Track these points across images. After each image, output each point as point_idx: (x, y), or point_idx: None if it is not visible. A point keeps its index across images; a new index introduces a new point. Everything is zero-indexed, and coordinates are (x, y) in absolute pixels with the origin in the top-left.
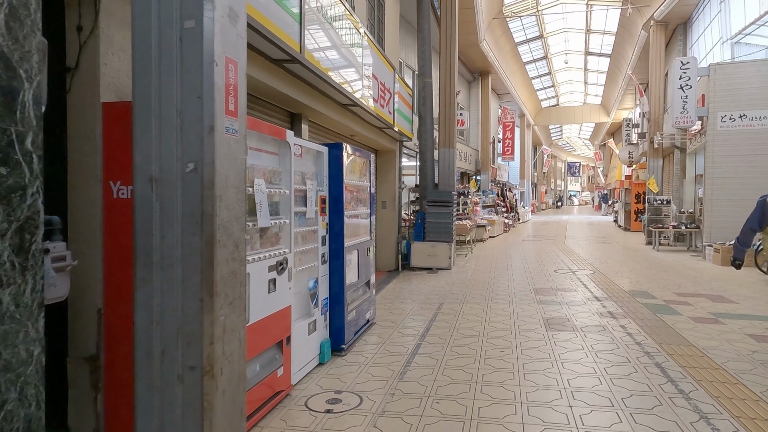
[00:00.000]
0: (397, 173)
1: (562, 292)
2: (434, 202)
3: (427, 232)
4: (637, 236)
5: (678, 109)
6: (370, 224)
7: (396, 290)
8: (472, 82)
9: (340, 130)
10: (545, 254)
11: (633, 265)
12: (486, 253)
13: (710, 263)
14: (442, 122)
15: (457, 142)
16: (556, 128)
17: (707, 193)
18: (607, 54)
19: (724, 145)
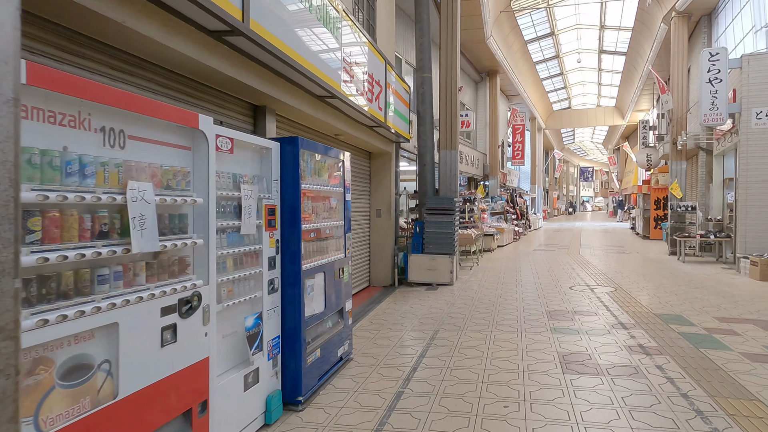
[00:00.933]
0: (393, 178)
1: (580, 316)
2: (434, 209)
3: (426, 243)
4: (658, 245)
5: (706, 105)
6: (344, 239)
7: (387, 312)
8: (480, 83)
9: (320, 128)
10: (558, 266)
11: (659, 280)
12: (493, 265)
13: (746, 278)
14: (443, 121)
15: (464, 146)
16: (568, 132)
17: (740, 199)
18: (623, 52)
19: (759, 145)
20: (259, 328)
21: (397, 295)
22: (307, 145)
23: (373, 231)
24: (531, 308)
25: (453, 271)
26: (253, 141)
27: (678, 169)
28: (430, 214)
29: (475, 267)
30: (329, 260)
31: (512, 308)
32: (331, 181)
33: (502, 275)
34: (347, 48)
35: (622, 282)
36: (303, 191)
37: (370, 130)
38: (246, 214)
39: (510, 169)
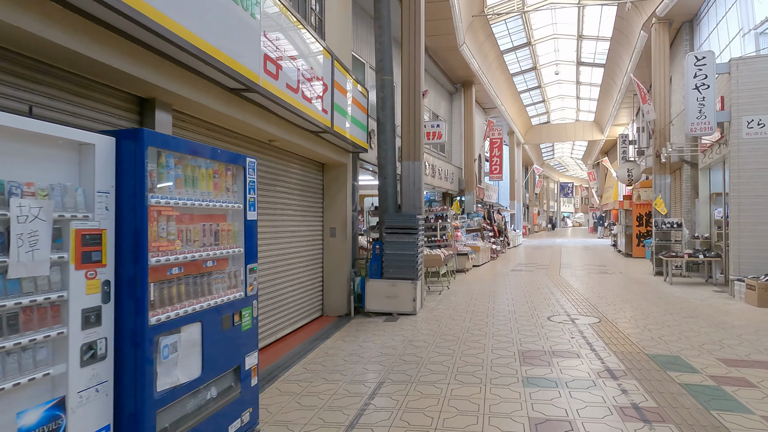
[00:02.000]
0: (349, 192)
1: (559, 359)
2: (394, 228)
3: (385, 266)
4: (641, 264)
5: (693, 113)
6: (244, 272)
7: (331, 352)
8: (454, 94)
9: (243, 131)
10: (537, 290)
11: (647, 306)
12: (466, 289)
13: (742, 303)
14: (405, 129)
15: (438, 159)
16: (547, 148)
17: (733, 215)
18: (601, 64)
19: (752, 157)
20: (56, 425)
21: (350, 329)
22: (168, 141)
23: (326, 253)
24: (502, 347)
25: (416, 298)
26: (48, 131)
27: (662, 184)
28: (390, 234)
29: (445, 291)
30: (212, 304)
31: (479, 347)
32: (219, 194)
33: (473, 302)
34: (272, 33)
35: (606, 310)
36: (156, 208)
37: (315, 137)
38: (18, 243)
39: (488, 185)
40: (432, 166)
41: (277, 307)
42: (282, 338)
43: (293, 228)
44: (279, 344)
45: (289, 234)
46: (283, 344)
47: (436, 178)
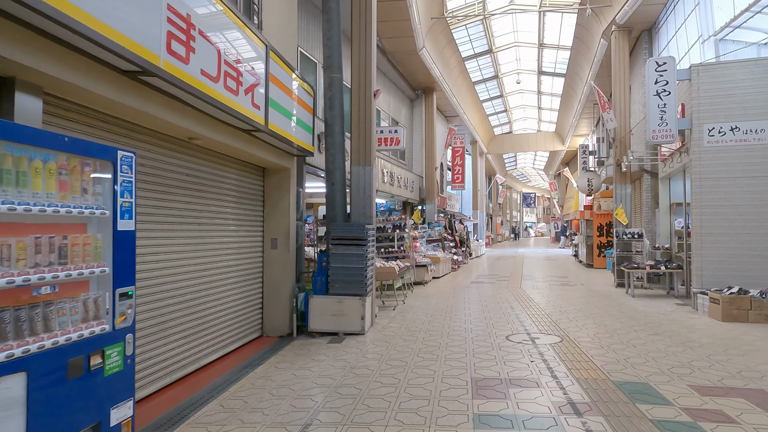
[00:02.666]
0: (293, 200)
1: (516, 390)
2: (341, 239)
3: (331, 281)
4: (603, 275)
5: (655, 121)
6: (112, 299)
7: (257, 384)
8: (415, 101)
9: (155, 126)
10: (496, 305)
11: (610, 323)
12: (422, 304)
13: (706, 317)
14: (355, 132)
15: (398, 167)
16: (510, 158)
17: (695, 226)
18: (562, 73)
19: (713, 165)
20: None
21: (288, 352)
22: None
23: (267, 266)
24: (454, 374)
25: (365, 316)
26: None
27: (623, 194)
28: (336, 245)
29: (400, 306)
30: (50, 345)
31: (429, 375)
32: (69, 197)
33: (428, 318)
34: (182, 8)
35: (568, 327)
36: None
37: (249, 136)
38: None
39: (450, 194)
40: (391, 174)
41: (202, 330)
42: (209, 365)
43: (225, 239)
44: (202, 373)
45: (219, 246)
46: (207, 373)
47: (395, 186)
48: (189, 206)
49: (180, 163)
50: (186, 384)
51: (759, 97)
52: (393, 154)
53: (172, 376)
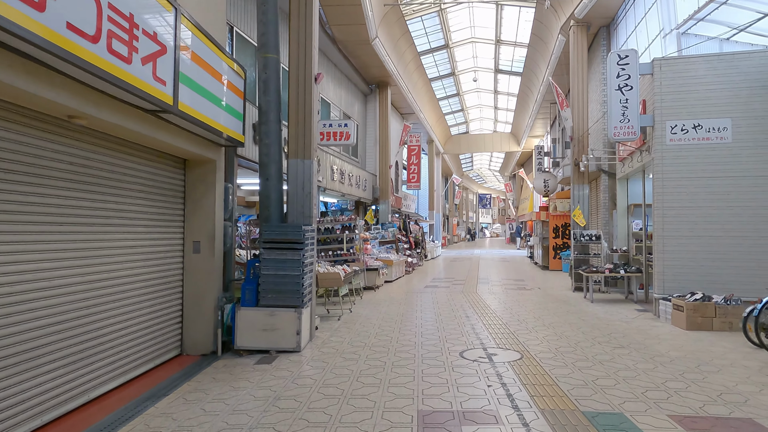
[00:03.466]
0: (219, 196)
1: (471, 428)
2: (274, 242)
3: (262, 291)
4: (559, 277)
5: (616, 116)
6: None
7: (153, 426)
8: (369, 95)
9: (11, 97)
10: (451, 313)
11: (572, 333)
12: (371, 312)
13: (669, 325)
14: (293, 120)
15: (350, 164)
16: (466, 159)
17: (657, 228)
18: (518, 72)
19: (675, 165)
20: None
21: (205, 378)
22: None
23: (188, 273)
24: (397, 406)
25: (301, 331)
26: None
27: (581, 194)
28: (269, 249)
29: (346, 315)
30: None
31: (367, 408)
32: None
33: (376, 330)
34: None
35: (528, 339)
36: None
37: (156, 119)
38: None
39: (406, 194)
40: (341, 171)
41: (93, 354)
42: (104, 395)
43: (131, 243)
44: (91, 408)
45: (120, 251)
46: (96, 408)
47: (346, 185)
48: (74, 202)
49: (59, 149)
50: (62, 426)
51: (722, 93)
52: (344, 151)
53: (44, 417)
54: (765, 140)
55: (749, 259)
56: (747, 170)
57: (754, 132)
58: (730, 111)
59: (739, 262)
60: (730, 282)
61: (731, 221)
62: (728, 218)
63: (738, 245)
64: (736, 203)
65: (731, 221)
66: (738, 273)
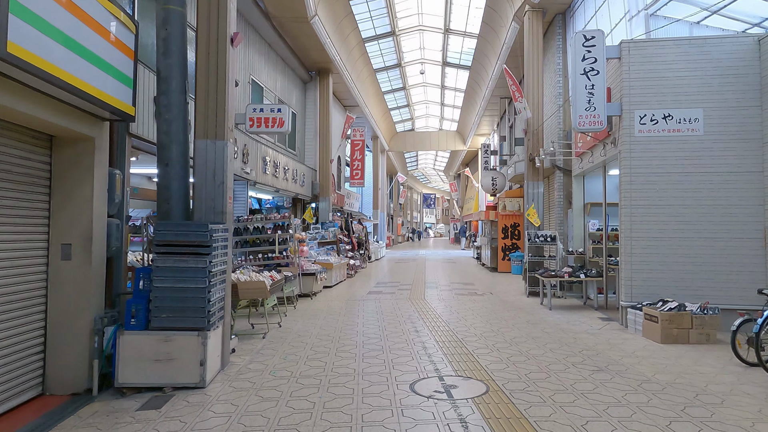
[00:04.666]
0: (101, 186)
1: None
2: (170, 246)
3: (154, 309)
4: (509, 280)
5: (581, 104)
6: None
7: None
8: (309, 83)
9: None
10: (398, 327)
11: (541, 352)
12: (303, 327)
13: (641, 338)
14: (201, 91)
15: (286, 156)
16: (411, 158)
17: (624, 229)
18: (467, 66)
19: (644, 159)
20: None
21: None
22: None
23: (54, 286)
24: None
25: (206, 360)
26: None
27: (535, 192)
28: (164, 255)
29: (274, 331)
30: None
31: None
32: None
33: (307, 352)
34: None
35: (491, 363)
36: None
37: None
38: None
39: (349, 192)
40: (275, 163)
41: None
42: None
43: None
44: None
45: None
46: None
47: (281, 179)
48: None
49: None
50: None
51: (693, 81)
52: (281, 141)
53: None
54: (737, 133)
55: (721, 262)
56: (718, 165)
57: (726, 124)
58: (701, 101)
59: (711, 266)
60: (702, 288)
61: (702, 221)
62: (699, 218)
63: (709, 247)
64: (707, 201)
65: (702, 221)
66: (710, 278)
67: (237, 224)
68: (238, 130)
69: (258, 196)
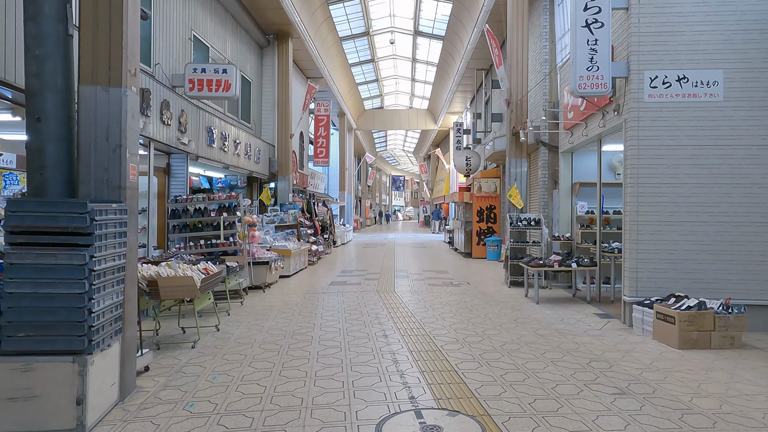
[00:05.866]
0: None
1: None
2: (31, 235)
3: (6, 326)
4: (486, 267)
5: (583, 63)
6: None
7: None
8: (266, 48)
9: None
10: (363, 331)
11: (540, 366)
12: (246, 331)
13: (653, 341)
14: (87, 17)
15: (238, 128)
16: (380, 139)
17: (630, 212)
18: (440, 36)
19: (655, 129)
20: None
21: None
22: None
23: None
24: None
25: (87, 396)
26: None
27: (518, 171)
28: (20, 248)
29: (208, 339)
30: None
31: None
32: None
33: (244, 369)
34: None
35: (483, 386)
36: None
37: None
38: None
39: (314, 171)
40: (224, 135)
41: None
42: None
43: None
44: None
45: None
46: None
47: (230, 154)
48: None
49: None
50: None
51: (713, 37)
52: (232, 112)
53: None
54: (763, 99)
55: (740, 251)
56: (740, 137)
57: (750, 88)
58: (721, 60)
59: (728, 254)
60: (717, 280)
61: (719, 202)
62: (716, 198)
63: (727, 233)
64: (726, 179)
65: (719, 202)
66: (726, 269)
67: (174, 205)
68: (175, 94)
69: (208, 174)
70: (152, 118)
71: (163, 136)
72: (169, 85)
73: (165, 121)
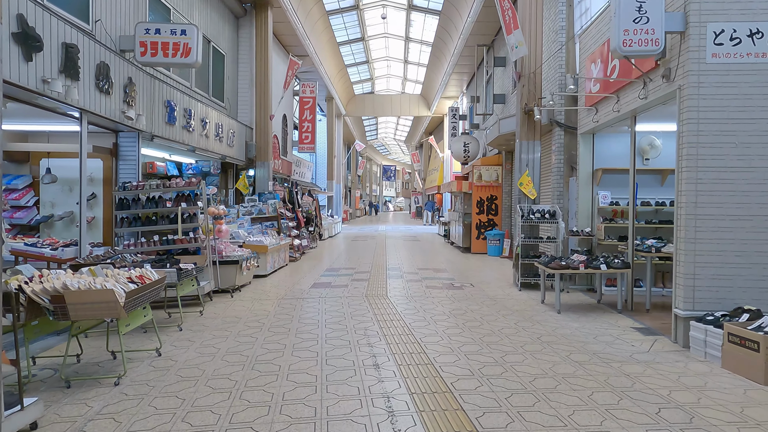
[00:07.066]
0: None
1: None
2: None
3: None
4: (488, 265)
5: (628, 14)
6: None
7: None
8: (243, 18)
9: None
10: (348, 355)
11: (594, 420)
12: (193, 360)
13: (725, 372)
14: None
15: (207, 105)
16: (371, 127)
17: (686, 204)
18: (437, 10)
19: (719, 98)
20: None
21: None
22: None
23: None
24: None
25: None
26: None
27: (531, 157)
28: None
29: (144, 365)
30: None
31: None
32: None
33: (177, 427)
34: None
35: None
36: None
37: None
38: None
39: (301, 159)
40: (188, 113)
41: None
42: None
43: None
44: None
45: None
46: None
47: (197, 134)
48: None
49: None
50: None
51: None
52: (199, 86)
53: None
54: None
55: None
56: None
57: None
58: None
59: None
60: None
61: None
62: None
63: None
64: None
65: None
66: None
67: (122, 193)
68: (122, 59)
69: (176, 159)
70: (84, 83)
71: (101, 108)
72: (116, 49)
73: (103, 89)
